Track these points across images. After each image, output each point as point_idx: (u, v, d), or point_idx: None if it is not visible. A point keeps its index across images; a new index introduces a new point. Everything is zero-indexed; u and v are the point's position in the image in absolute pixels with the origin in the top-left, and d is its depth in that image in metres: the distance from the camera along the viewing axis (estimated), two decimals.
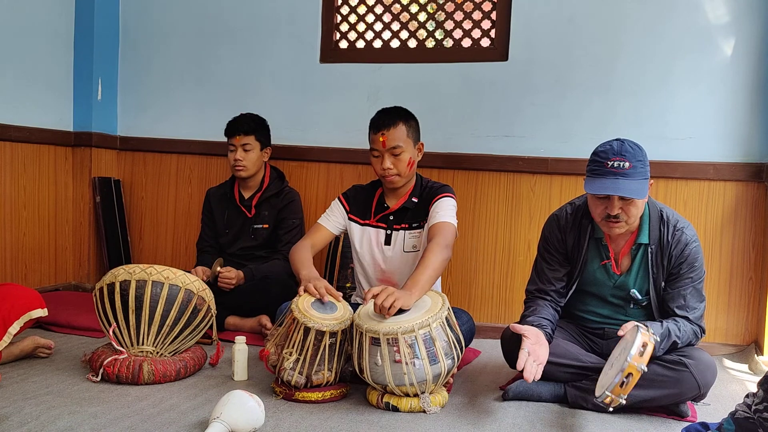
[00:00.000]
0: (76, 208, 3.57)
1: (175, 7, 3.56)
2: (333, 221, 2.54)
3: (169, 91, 3.60)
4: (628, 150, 1.97)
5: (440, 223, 2.35)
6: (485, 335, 3.02)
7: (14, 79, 3.22)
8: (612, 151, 1.98)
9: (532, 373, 1.87)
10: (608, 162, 1.96)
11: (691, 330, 2.05)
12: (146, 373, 2.12)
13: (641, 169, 1.97)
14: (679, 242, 2.06)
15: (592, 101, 3.00)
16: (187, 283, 2.24)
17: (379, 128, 2.42)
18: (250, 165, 3.03)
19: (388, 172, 2.42)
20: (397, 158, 2.42)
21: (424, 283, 2.11)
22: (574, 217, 2.19)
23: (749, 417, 1.49)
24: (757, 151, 2.85)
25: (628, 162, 1.95)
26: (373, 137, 2.44)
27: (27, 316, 2.28)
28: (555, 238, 2.21)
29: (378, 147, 2.42)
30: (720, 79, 2.87)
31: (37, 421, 1.76)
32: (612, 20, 2.97)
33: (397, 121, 2.43)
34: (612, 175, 1.95)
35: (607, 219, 2.01)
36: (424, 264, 2.16)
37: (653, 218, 2.09)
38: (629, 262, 2.14)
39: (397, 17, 3.29)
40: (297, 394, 2.02)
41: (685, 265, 2.07)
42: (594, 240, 2.16)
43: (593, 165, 2.02)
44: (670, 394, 1.98)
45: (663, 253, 2.08)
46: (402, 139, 2.42)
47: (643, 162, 1.98)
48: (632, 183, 1.95)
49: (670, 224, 2.08)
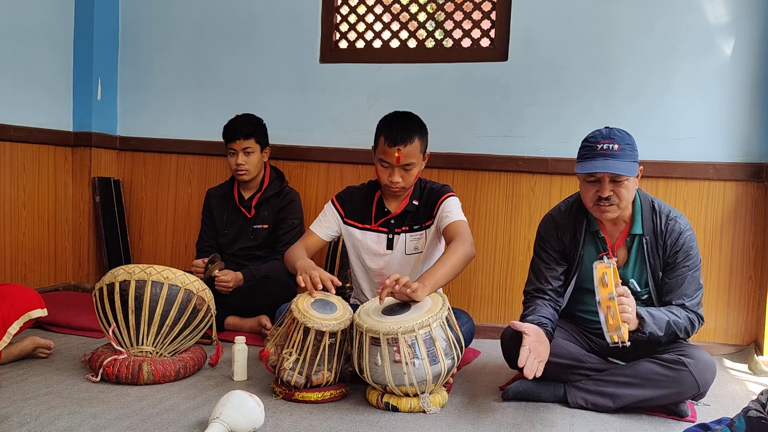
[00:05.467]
0: (76, 208, 3.57)
1: (175, 7, 3.56)
2: (325, 228, 2.52)
3: (168, 91, 3.60)
4: (616, 134, 2.04)
5: (456, 222, 2.36)
6: (485, 335, 3.03)
7: (14, 79, 3.22)
8: (601, 135, 2.05)
9: (533, 370, 1.88)
10: (597, 145, 2.03)
11: (686, 316, 2.05)
12: (146, 373, 2.11)
13: (630, 152, 2.03)
14: (673, 231, 2.08)
15: (591, 101, 3.00)
16: (186, 283, 2.24)
17: (395, 142, 2.34)
18: (253, 168, 3.03)
19: (395, 185, 2.40)
20: (407, 173, 2.39)
21: (440, 277, 2.12)
22: (568, 214, 2.22)
23: (762, 418, 1.48)
24: (757, 151, 2.85)
25: (617, 144, 2.01)
26: (387, 149, 2.36)
27: (26, 316, 2.28)
28: (551, 236, 2.22)
29: (391, 161, 2.36)
30: (720, 78, 2.87)
31: (36, 422, 1.76)
32: (612, 20, 2.97)
33: (414, 136, 2.37)
34: (602, 157, 2.01)
35: (599, 203, 2.05)
36: (443, 259, 2.18)
37: (645, 209, 2.12)
38: (625, 254, 2.15)
39: (396, 17, 3.29)
40: (297, 394, 2.02)
41: (680, 253, 2.08)
42: (590, 234, 2.18)
43: (583, 150, 2.08)
44: (670, 393, 1.98)
45: (657, 242, 2.10)
46: (415, 154, 2.38)
47: (631, 146, 2.04)
48: (621, 163, 2.00)
49: (662, 214, 2.11)
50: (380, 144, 2.40)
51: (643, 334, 1.95)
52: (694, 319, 2.07)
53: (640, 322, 1.94)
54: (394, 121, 2.42)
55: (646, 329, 1.94)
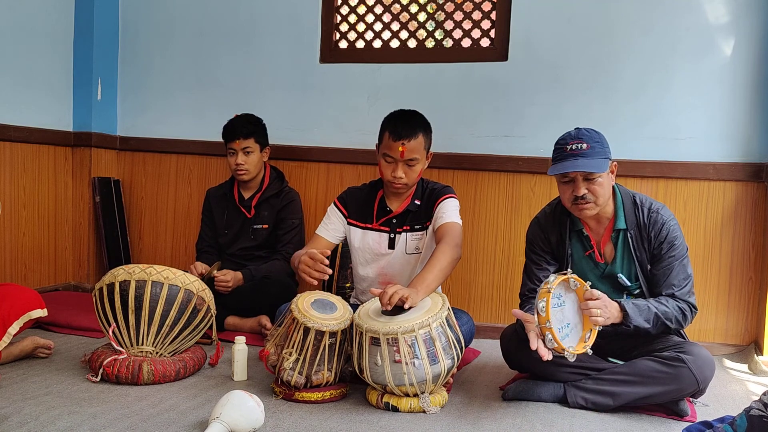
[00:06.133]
0: (76, 208, 3.57)
1: (175, 7, 3.56)
2: (332, 230, 2.53)
3: (168, 91, 3.60)
4: (584, 134, 2.08)
5: (448, 224, 2.35)
6: (485, 335, 3.03)
7: (14, 79, 3.22)
8: (569, 136, 2.09)
9: (546, 352, 1.85)
10: (567, 146, 2.07)
11: (676, 306, 2.05)
12: (146, 373, 2.11)
13: (599, 150, 2.06)
14: (656, 223, 2.10)
15: (591, 101, 3.00)
16: (186, 283, 2.24)
17: (399, 137, 2.36)
18: (252, 168, 3.03)
19: (398, 181, 2.40)
20: (410, 168, 2.40)
21: (431, 281, 2.12)
22: (553, 215, 2.25)
23: (764, 416, 1.48)
24: (756, 151, 2.85)
25: (585, 143, 2.05)
26: (391, 144, 2.38)
27: (26, 316, 2.28)
28: (538, 238, 2.25)
29: (395, 155, 2.38)
30: (720, 78, 2.87)
31: (36, 422, 1.76)
32: (612, 20, 2.97)
33: (419, 132, 2.39)
34: (572, 157, 2.05)
35: (576, 203, 2.08)
36: (432, 263, 2.17)
37: (627, 204, 2.15)
38: (612, 250, 2.17)
39: (396, 17, 3.29)
40: (297, 394, 2.02)
41: (665, 244, 2.10)
42: (575, 233, 2.20)
43: (555, 153, 2.12)
44: (669, 390, 1.98)
45: (642, 235, 2.12)
46: (419, 150, 2.40)
47: (601, 144, 2.07)
48: (590, 161, 2.04)
49: (644, 207, 2.13)
50: (385, 139, 2.42)
51: (627, 326, 1.96)
52: (684, 308, 2.07)
53: (624, 315, 1.96)
54: (399, 116, 2.44)
55: (630, 322, 1.96)
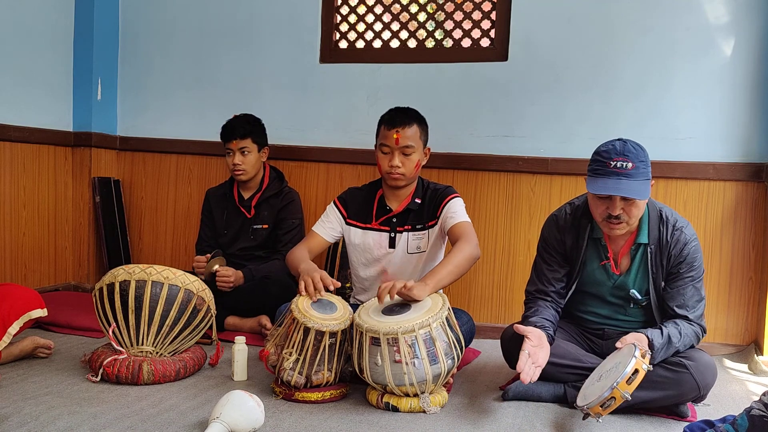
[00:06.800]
0: (76, 208, 3.56)
1: (175, 7, 3.55)
2: (328, 229, 2.54)
3: (168, 91, 3.60)
4: (630, 150, 1.96)
5: (462, 224, 2.37)
6: (485, 335, 3.02)
7: (14, 78, 3.22)
8: (615, 151, 1.97)
9: (529, 375, 1.87)
10: (611, 162, 1.95)
11: (692, 331, 2.04)
12: (146, 373, 2.11)
13: (643, 170, 1.96)
14: (678, 241, 2.06)
15: (591, 101, 3.00)
16: (186, 283, 2.24)
17: (393, 125, 2.43)
18: (250, 168, 3.02)
19: (395, 170, 2.42)
20: (406, 158, 2.43)
21: (443, 277, 2.13)
22: (573, 217, 2.19)
23: (764, 416, 1.49)
24: (756, 151, 2.85)
25: (630, 162, 1.94)
26: (386, 133, 2.44)
27: (26, 316, 2.28)
28: (554, 238, 2.21)
29: (390, 143, 2.42)
30: (720, 78, 2.87)
31: (36, 422, 1.76)
32: (612, 20, 2.96)
33: (413, 121, 2.45)
34: (615, 176, 1.94)
35: (608, 219, 2.01)
36: (447, 259, 2.19)
37: (653, 218, 2.09)
38: (629, 262, 2.13)
39: (396, 17, 3.29)
40: (297, 394, 2.02)
41: (684, 264, 2.06)
42: (593, 240, 2.15)
43: (595, 165, 2.01)
44: (670, 395, 1.97)
45: (662, 252, 2.07)
46: (414, 139, 2.44)
47: (645, 163, 1.98)
48: (635, 183, 1.94)
49: (669, 224, 2.07)
50: (381, 131, 2.48)
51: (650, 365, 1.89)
52: (698, 332, 2.07)
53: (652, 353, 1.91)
54: (394, 109, 2.51)
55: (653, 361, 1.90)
